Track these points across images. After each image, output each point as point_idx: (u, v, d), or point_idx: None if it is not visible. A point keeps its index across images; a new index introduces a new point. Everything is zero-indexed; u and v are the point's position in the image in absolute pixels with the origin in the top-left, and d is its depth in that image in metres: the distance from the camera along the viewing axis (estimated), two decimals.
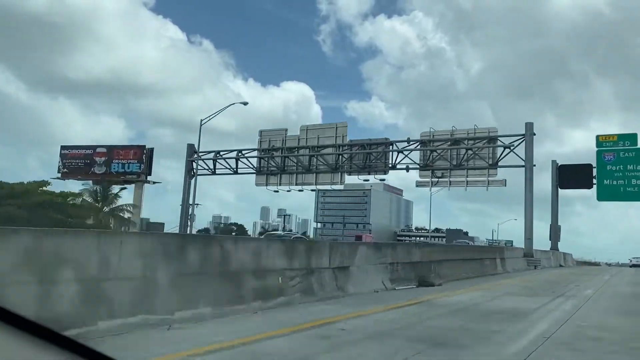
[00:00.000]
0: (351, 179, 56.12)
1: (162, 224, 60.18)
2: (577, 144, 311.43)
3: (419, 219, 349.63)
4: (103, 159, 59.09)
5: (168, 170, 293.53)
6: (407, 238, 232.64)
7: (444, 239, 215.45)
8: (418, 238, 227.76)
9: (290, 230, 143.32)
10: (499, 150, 43.16)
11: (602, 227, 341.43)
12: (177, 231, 48.52)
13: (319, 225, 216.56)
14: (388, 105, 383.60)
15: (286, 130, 54.30)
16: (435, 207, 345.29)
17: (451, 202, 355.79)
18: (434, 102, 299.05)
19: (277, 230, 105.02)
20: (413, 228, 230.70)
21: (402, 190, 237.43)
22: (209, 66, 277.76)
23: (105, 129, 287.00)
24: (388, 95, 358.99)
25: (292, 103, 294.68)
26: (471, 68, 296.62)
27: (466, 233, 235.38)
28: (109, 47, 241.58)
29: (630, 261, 72.44)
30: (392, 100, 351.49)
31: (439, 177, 45.64)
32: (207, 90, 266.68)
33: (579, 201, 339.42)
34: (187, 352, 5.32)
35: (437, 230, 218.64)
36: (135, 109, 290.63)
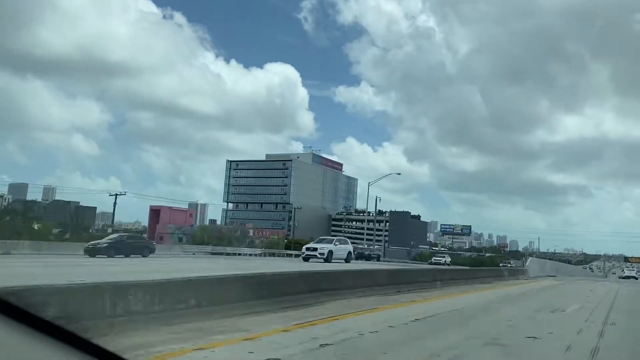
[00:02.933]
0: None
1: None
2: (571, 131, 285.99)
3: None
4: None
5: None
6: (343, 224, 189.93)
7: (387, 223, 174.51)
8: (355, 222, 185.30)
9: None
10: None
11: (595, 218, 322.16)
12: None
13: (231, 206, 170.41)
14: (377, 90, 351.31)
15: None
16: (426, 196, 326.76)
17: (443, 192, 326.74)
18: (423, 87, 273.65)
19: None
20: (353, 211, 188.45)
21: (341, 165, 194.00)
22: (184, 44, 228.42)
23: (82, 113, 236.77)
24: (376, 79, 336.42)
25: (276, 86, 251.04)
26: (460, 49, 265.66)
27: (418, 217, 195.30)
28: (76, 21, 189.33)
29: (623, 271, 70.80)
30: (381, 84, 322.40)
31: None
32: (185, 70, 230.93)
33: (572, 191, 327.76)
34: None
35: (380, 213, 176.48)
36: (109, 90, 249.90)
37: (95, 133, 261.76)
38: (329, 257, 29.81)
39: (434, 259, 72.10)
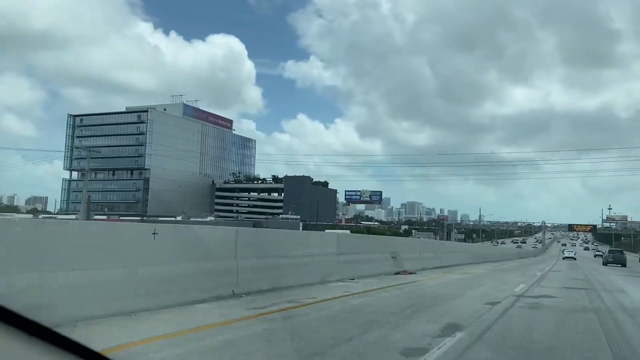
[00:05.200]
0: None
1: None
2: (520, 103, 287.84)
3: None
4: None
5: None
6: (232, 195, 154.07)
7: (283, 193, 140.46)
8: (250, 192, 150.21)
9: None
10: None
11: (542, 190, 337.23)
12: None
13: (75, 175, 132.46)
14: (326, 65, 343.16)
15: None
16: (380, 173, 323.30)
17: (396, 168, 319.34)
18: (371, 59, 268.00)
19: None
20: (245, 179, 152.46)
21: (231, 122, 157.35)
22: (116, 12, 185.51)
23: (11, 91, 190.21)
24: (325, 52, 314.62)
25: (220, 59, 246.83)
26: (407, 19, 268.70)
27: (324, 183, 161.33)
28: None
29: (563, 252, 67.34)
30: (329, 58, 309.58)
31: None
32: (119, 42, 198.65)
33: (521, 164, 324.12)
34: None
35: (275, 179, 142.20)
36: (37, 64, 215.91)
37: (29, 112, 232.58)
38: None
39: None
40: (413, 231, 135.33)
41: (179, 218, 74.79)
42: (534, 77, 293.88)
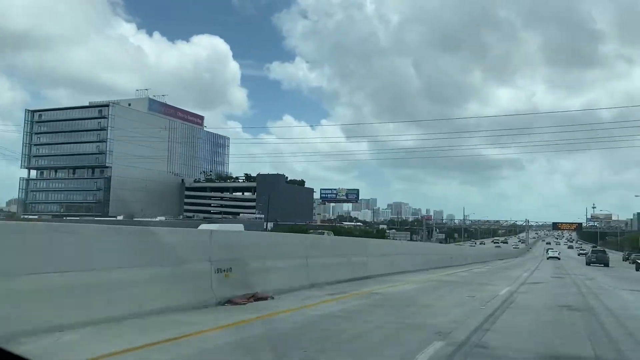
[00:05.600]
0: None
1: None
2: (504, 103, 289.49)
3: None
4: None
5: None
6: (203, 194, 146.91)
7: (254, 192, 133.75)
8: (224, 192, 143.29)
9: None
10: None
11: (527, 190, 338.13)
12: None
13: (34, 174, 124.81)
14: (311, 66, 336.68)
15: None
16: (367, 174, 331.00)
17: (383, 169, 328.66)
18: (356, 60, 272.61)
19: None
20: (214, 177, 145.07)
21: (202, 118, 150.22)
22: (98, 12, 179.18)
23: None
24: (310, 53, 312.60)
25: (205, 60, 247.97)
26: (392, 19, 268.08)
27: (301, 182, 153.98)
28: None
29: (547, 252, 66.40)
30: (315, 59, 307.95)
31: None
32: (101, 43, 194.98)
33: (505, 164, 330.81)
34: None
35: (248, 178, 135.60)
36: (17, 65, 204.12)
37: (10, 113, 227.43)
38: None
39: None
40: (392, 231, 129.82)
41: (119, 218, 68.30)
42: (518, 77, 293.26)
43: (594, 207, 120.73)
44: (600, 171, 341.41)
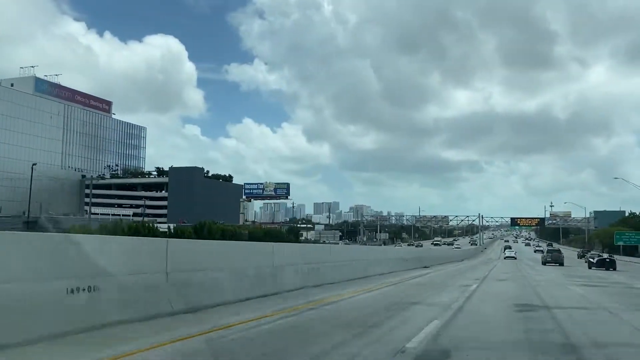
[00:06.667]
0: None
1: None
2: (462, 105, 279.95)
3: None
4: None
5: None
6: (104, 192, 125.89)
7: (166, 190, 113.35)
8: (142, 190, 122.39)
9: None
10: None
11: (486, 192, 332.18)
12: None
13: None
14: (270, 68, 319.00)
15: None
16: (329, 178, 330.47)
17: (345, 172, 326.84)
18: (315, 62, 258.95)
19: None
20: (121, 173, 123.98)
21: (110, 103, 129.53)
22: (38, 8, 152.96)
23: None
24: (268, 54, 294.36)
25: (158, 60, 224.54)
26: (350, 19, 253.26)
27: (228, 178, 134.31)
28: None
29: (504, 252, 67.10)
30: (273, 60, 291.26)
31: None
32: (46, 42, 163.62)
33: (465, 166, 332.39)
34: None
35: (160, 172, 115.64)
36: None
37: None
38: None
39: None
40: (335, 231, 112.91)
41: None
42: (475, 79, 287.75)
43: (551, 206, 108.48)
44: (555, 172, 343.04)
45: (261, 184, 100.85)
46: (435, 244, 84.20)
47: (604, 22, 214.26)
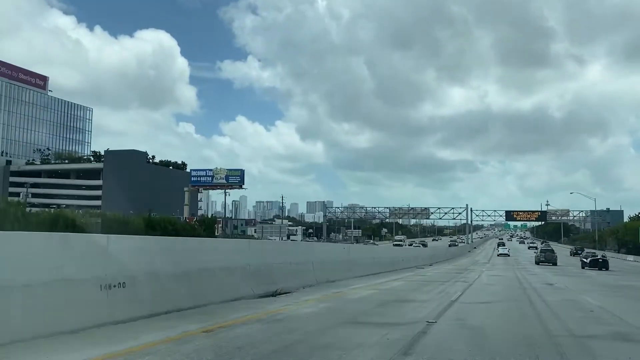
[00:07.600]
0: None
1: None
2: (458, 104, 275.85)
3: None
4: None
5: None
6: (33, 179, 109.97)
7: (100, 180, 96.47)
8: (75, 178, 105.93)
9: None
10: None
11: (481, 191, 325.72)
12: None
13: None
14: (263, 65, 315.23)
15: None
16: (323, 177, 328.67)
17: (339, 171, 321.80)
18: (309, 59, 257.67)
19: None
20: (54, 158, 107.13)
21: (46, 78, 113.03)
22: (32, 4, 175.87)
23: None
24: (261, 51, 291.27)
25: (150, 55, 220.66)
26: (344, 15, 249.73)
27: (179, 165, 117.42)
28: None
29: (498, 250, 66.04)
30: (267, 57, 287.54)
31: None
32: (34, 35, 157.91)
33: (460, 165, 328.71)
34: None
35: (96, 157, 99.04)
36: None
37: None
38: None
39: None
40: (299, 228, 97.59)
41: None
42: (471, 77, 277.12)
43: (547, 205, 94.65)
44: (550, 172, 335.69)
45: (210, 170, 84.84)
46: (396, 244, 66.10)
47: (601, 19, 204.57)
